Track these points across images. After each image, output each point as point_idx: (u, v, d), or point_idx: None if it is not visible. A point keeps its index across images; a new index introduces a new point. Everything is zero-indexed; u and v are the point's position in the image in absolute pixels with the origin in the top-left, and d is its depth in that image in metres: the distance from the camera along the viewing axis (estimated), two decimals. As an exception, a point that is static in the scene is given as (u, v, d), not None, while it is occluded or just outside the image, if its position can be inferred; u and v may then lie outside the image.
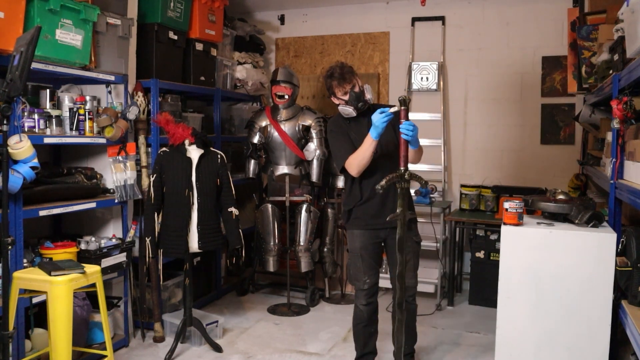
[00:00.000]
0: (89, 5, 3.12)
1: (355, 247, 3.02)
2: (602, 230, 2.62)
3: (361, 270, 3.00)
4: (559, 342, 2.64)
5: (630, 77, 2.39)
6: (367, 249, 2.99)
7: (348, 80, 2.87)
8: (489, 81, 4.87)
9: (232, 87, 4.80)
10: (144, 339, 3.68)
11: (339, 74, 2.87)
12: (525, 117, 4.78)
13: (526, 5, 4.72)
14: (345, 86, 2.88)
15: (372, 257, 3.00)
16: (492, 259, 4.36)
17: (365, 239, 2.99)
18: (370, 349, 3.12)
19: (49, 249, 3.07)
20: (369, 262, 3.00)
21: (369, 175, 2.92)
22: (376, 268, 3.03)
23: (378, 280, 3.05)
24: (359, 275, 3.01)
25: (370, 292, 3.01)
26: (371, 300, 3.02)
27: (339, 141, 2.98)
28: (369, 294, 3.00)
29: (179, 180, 3.38)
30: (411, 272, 2.95)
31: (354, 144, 2.90)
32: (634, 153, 2.42)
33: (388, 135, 2.85)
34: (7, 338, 2.45)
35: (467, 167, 4.96)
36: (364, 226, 2.99)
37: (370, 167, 2.88)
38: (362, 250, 2.99)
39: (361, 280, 3.00)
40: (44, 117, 3.04)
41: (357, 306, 3.06)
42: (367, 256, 3.00)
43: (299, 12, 5.43)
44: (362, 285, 3.00)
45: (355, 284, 3.06)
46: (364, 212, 2.98)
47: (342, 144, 2.95)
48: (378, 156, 2.87)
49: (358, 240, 3.00)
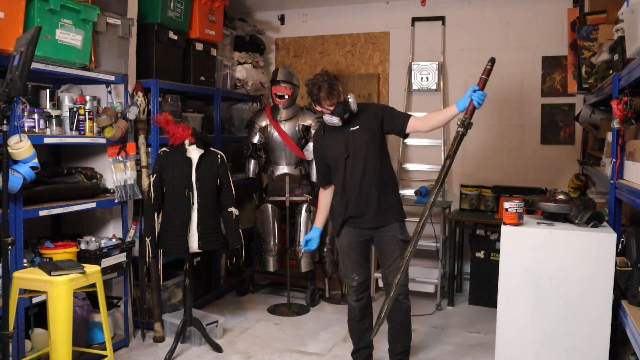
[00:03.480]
0: (89, 5, 3.12)
1: (342, 245, 3.12)
2: (602, 230, 2.61)
3: (349, 268, 3.10)
4: (559, 342, 2.64)
5: (630, 77, 2.39)
6: (353, 247, 3.07)
7: (336, 95, 2.93)
8: (489, 81, 4.84)
9: (232, 87, 4.80)
10: (144, 339, 3.68)
11: (328, 89, 2.91)
12: (525, 117, 4.78)
13: (526, 5, 4.72)
14: (332, 100, 2.94)
15: (359, 255, 3.08)
16: (492, 259, 4.36)
17: (350, 237, 3.07)
18: (365, 344, 3.18)
19: (49, 249, 3.07)
20: (356, 259, 3.08)
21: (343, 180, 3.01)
22: (364, 265, 3.12)
23: (368, 277, 3.14)
24: (347, 272, 3.12)
25: (359, 288, 3.09)
26: (361, 297, 3.10)
27: (317, 161, 3.18)
28: (358, 290, 3.09)
29: (179, 180, 3.38)
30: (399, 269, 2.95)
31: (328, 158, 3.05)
32: (634, 153, 2.42)
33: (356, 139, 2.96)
34: (7, 338, 2.45)
35: (467, 167, 4.96)
36: (340, 226, 3.05)
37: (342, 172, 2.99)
38: (348, 248, 3.08)
39: (350, 278, 3.10)
40: (44, 117, 3.04)
41: (349, 302, 3.16)
42: (353, 254, 3.07)
43: (299, 12, 5.43)
44: (351, 282, 3.10)
45: (345, 281, 3.19)
46: (338, 213, 3.06)
47: (319, 166, 3.15)
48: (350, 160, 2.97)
49: (344, 239, 3.09)
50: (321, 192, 3.19)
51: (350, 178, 2.98)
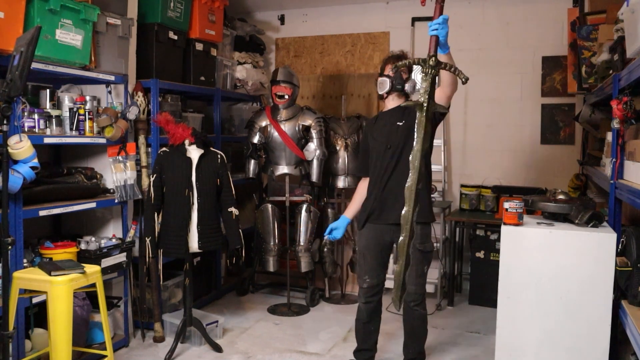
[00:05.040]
0: (89, 5, 3.12)
1: (360, 245, 3.10)
2: (602, 230, 2.61)
3: (363, 269, 3.07)
4: (559, 342, 2.64)
5: (630, 77, 2.39)
6: (371, 249, 3.02)
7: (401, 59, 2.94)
8: (488, 81, 4.87)
9: (232, 87, 4.80)
10: (144, 339, 3.68)
11: (397, 56, 3.05)
12: (525, 117, 4.78)
13: (526, 5, 4.71)
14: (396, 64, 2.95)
15: (375, 259, 3.03)
16: (492, 259, 4.36)
17: (369, 239, 3.02)
18: (367, 346, 3.15)
19: (49, 249, 3.07)
20: (371, 262, 3.03)
21: (376, 171, 2.99)
22: (378, 270, 3.05)
23: (381, 282, 3.07)
24: (361, 273, 3.10)
25: (370, 291, 3.04)
26: (370, 300, 3.05)
27: (361, 149, 3.20)
28: (368, 293, 3.05)
29: (179, 180, 3.38)
30: (412, 278, 2.93)
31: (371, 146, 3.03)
32: (634, 153, 2.42)
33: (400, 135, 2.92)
34: (7, 338, 2.45)
35: (467, 167, 4.96)
36: (364, 220, 3.02)
37: (378, 162, 2.97)
38: (365, 249, 3.05)
39: (362, 279, 3.07)
40: (44, 117, 3.03)
41: (359, 303, 3.13)
42: (369, 257, 3.03)
43: (299, 12, 5.43)
44: (362, 284, 3.07)
45: (358, 281, 3.15)
46: (365, 206, 3.04)
47: (362, 154, 3.15)
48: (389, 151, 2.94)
49: (363, 239, 3.06)
50: (360, 183, 3.17)
51: (384, 169, 2.94)
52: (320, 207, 4.62)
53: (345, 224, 3.17)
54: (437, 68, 2.20)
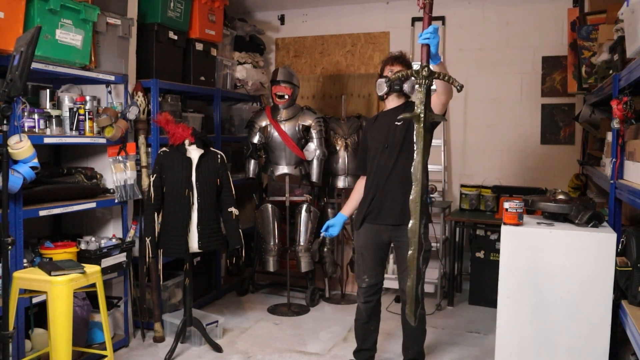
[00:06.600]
0: (89, 5, 3.12)
1: (358, 244, 3.10)
2: (602, 230, 2.61)
3: (361, 269, 3.07)
4: (559, 342, 2.64)
5: (630, 77, 2.39)
6: (368, 248, 3.03)
7: (399, 63, 3.00)
8: (489, 81, 4.87)
9: (232, 87, 4.80)
10: (144, 339, 3.68)
11: (395, 57, 3.04)
12: (525, 117, 4.79)
13: (526, 5, 4.72)
14: (394, 67, 2.99)
15: (373, 258, 3.03)
16: (492, 259, 4.36)
17: (366, 238, 3.03)
18: (367, 346, 3.15)
19: (49, 249, 3.07)
20: (369, 262, 3.04)
21: (374, 171, 2.99)
22: (377, 269, 3.05)
23: (380, 281, 3.07)
24: (359, 273, 3.09)
25: (369, 291, 3.05)
26: (369, 299, 3.06)
27: (360, 149, 3.20)
28: (367, 293, 3.05)
29: (179, 180, 3.38)
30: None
31: (370, 146, 3.03)
32: (634, 153, 2.42)
33: (397, 133, 2.92)
34: (7, 338, 2.45)
35: (467, 167, 4.96)
36: (362, 220, 3.02)
37: (375, 161, 2.97)
38: (363, 248, 3.05)
39: (360, 278, 3.07)
40: (44, 117, 3.03)
41: (358, 303, 3.13)
42: (367, 256, 3.04)
43: (299, 12, 5.43)
44: (361, 284, 3.07)
45: (357, 281, 3.15)
46: (362, 206, 3.05)
47: (361, 152, 3.16)
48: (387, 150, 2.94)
49: (360, 239, 3.06)
50: (358, 181, 3.18)
51: (382, 169, 2.95)
52: (320, 207, 4.62)
53: (342, 221, 3.19)
54: (430, 78, 2.21)
